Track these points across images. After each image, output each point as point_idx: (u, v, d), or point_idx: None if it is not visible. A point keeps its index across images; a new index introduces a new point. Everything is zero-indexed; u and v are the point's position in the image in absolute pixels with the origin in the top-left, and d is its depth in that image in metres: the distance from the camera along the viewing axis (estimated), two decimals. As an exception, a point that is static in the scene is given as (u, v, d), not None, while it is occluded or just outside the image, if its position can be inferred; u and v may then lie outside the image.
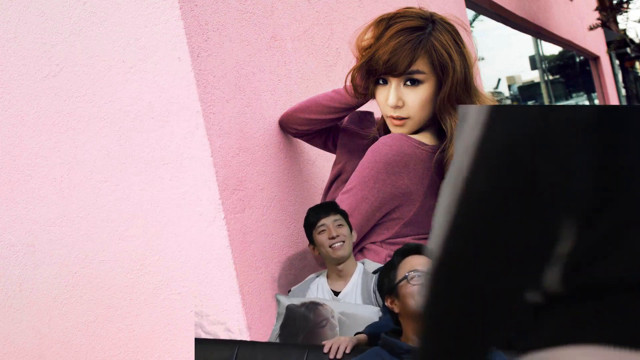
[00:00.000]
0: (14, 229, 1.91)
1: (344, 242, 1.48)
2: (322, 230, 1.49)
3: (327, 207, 1.52)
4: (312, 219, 1.52)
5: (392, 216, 1.61)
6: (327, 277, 1.56)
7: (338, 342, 1.30)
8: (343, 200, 1.61)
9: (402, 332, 1.29)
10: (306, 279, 1.63)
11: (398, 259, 1.31)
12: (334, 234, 1.48)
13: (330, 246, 1.48)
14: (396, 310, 1.29)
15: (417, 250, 1.31)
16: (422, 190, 1.58)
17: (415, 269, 1.26)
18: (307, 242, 1.86)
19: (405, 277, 1.26)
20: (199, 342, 1.52)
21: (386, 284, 1.30)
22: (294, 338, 1.44)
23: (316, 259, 1.68)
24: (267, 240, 1.71)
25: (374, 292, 1.48)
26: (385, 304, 1.31)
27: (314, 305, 1.45)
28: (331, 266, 1.53)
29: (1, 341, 1.98)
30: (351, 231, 1.52)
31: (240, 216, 1.61)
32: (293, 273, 1.80)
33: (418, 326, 0.92)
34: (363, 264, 1.54)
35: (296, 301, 1.51)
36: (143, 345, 1.74)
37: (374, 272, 1.52)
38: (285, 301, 1.53)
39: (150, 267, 1.68)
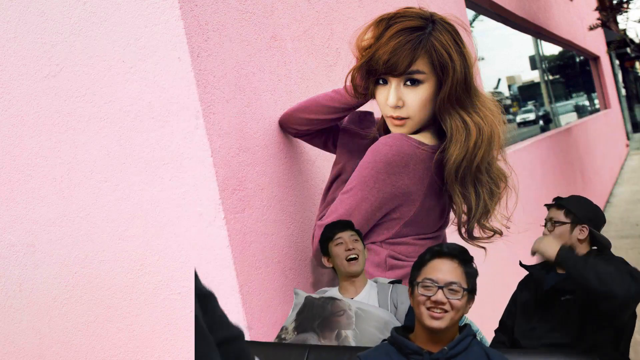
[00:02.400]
0: (14, 229, 1.91)
1: (358, 256, 1.53)
2: (339, 243, 1.54)
3: (344, 224, 1.56)
4: (329, 233, 1.56)
5: (392, 216, 1.61)
6: (339, 289, 1.58)
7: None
8: (343, 200, 1.61)
9: (414, 329, 1.28)
10: (317, 291, 1.65)
11: (427, 257, 1.27)
12: (350, 247, 1.53)
13: (346, 258, 1.52)
14: (411, 304, 1.29)
15: (449, 254, 1.26)
16: (422, 190, 1.58)
17: (431, 278, 1.23)
18: (307, 241, 1.86)
19: (418, 283, 1.25)
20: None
21: (411, 274, 1.29)
22: (310, 323, 1.47)
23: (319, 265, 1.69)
24: (267, 240, 1.71)
25: (392, 300, 1.51)
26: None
27: (332, 300, 1.49)
28: (343, 279, 1.55)
29: (1, 341, 1.99)
30: (364, 248, 1.55)
31: (240, 216, 1.61)
32: (293, 273, 1.80)
33: None
34: (376, 282, 1.56)
35: (315, 295, 1.56)
36: (143, 345, 1.74)
37: (390, 282, 1.55)
38: (304, 294, 1.57)
39: (150, 267, 1.68)
